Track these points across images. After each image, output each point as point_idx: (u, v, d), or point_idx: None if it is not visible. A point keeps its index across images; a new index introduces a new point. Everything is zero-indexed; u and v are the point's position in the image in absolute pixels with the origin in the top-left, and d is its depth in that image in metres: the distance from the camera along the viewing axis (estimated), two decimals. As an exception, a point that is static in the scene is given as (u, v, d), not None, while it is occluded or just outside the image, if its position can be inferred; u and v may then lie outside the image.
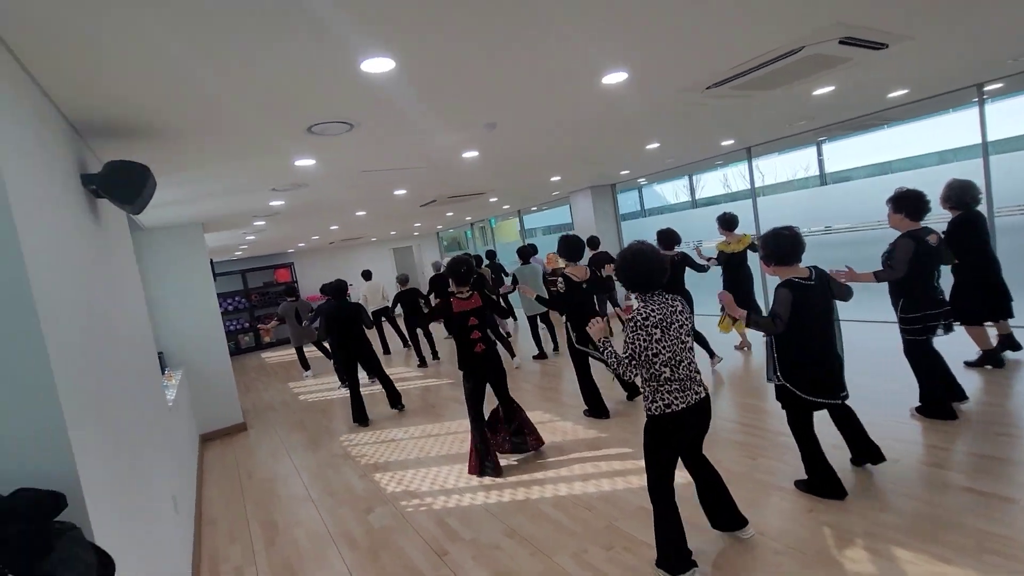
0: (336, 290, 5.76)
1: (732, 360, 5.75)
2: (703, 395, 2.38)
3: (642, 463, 3.54)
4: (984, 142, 5.46)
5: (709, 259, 5.65)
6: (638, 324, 2.28)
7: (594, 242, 7.47)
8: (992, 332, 4.38)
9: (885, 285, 3.59)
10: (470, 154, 4.51)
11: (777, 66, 3.04)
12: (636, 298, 2.42)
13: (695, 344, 5.36)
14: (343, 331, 5.71)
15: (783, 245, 2.70)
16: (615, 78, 2.91)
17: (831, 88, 4.18)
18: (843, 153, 13.38)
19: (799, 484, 2.99)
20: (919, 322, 3.47)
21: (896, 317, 3.60)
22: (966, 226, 4.12)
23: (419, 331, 8.30)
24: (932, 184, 3.98)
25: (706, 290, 5.19)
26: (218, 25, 1.66)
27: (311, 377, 8.77)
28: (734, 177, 14.44)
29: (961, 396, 3.63)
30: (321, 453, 5.00)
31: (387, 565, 2.95)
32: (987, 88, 5.37)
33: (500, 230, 16.75)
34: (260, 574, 3.09)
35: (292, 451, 5.21)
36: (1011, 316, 4.22)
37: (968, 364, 4.33)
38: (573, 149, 5.16)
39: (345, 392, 7.10)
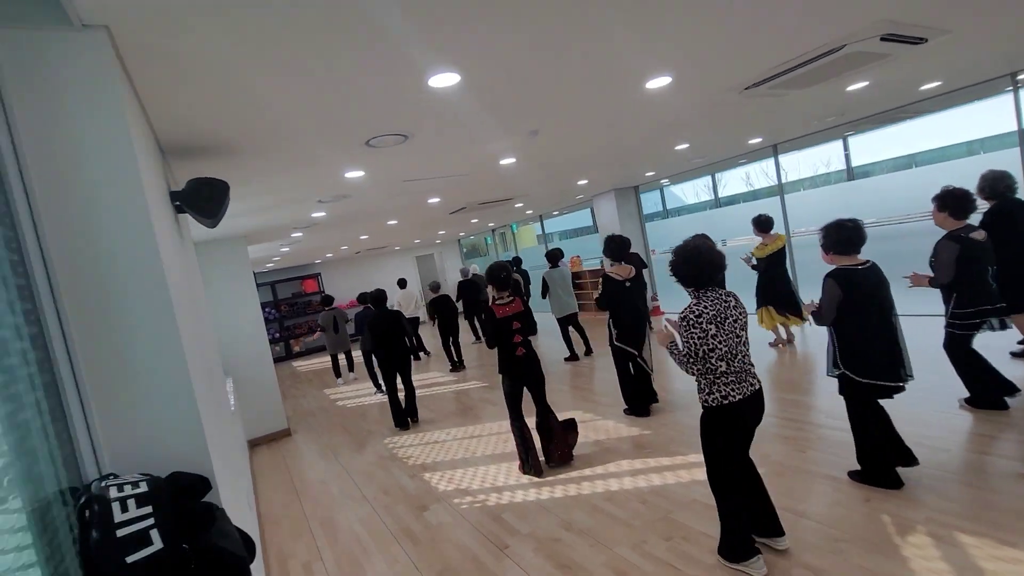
0: (376, 299, 5.92)
1: (767, 357, 5.77)
2: (757, 387, 2.42)
3: (691, 458, 3.63)
4: (1021, 130, 5.42)
5: (753, 266, 5.75)
6: (692, 322, 2.31)
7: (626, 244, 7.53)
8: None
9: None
10: (507, 161, 4.64)
11: (816, 64, 3.11)
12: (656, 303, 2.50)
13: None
14: (384, 339, 5.82)
15: (844, 234, 2.76)
16: (659, 82, 3.01)
17: (865, 83, 4.22)
18: (869, 146, 13.21)
19: (853, 475, 3.03)
20: (972, 317, 3.44)
21: (946, 312, 3.57)
22: (1003, 216, 4.04)
23: (450, 337, 8.44)
24: (961, 177, 3.95)
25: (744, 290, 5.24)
26: (293, 50, 1.81)
27: (343, 384, 8.98)
28: (756, 174, 14.35)
29: (1012, 390, 3.59)
30: (368, 455, 5.15)
31: (450, 558, 3.06)
32: (1021, 76, 5.33)
33: (519, 236, 16.91)
34: (328, 569, 3.22)
35: (338, 454, 5.37)
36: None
37: (1014, 355, 4.29)
38: (606, 152, 5.27)
39: (380, 397, 7.28)
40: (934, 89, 5.34)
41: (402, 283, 9.78)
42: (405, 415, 5.82)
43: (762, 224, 5.58)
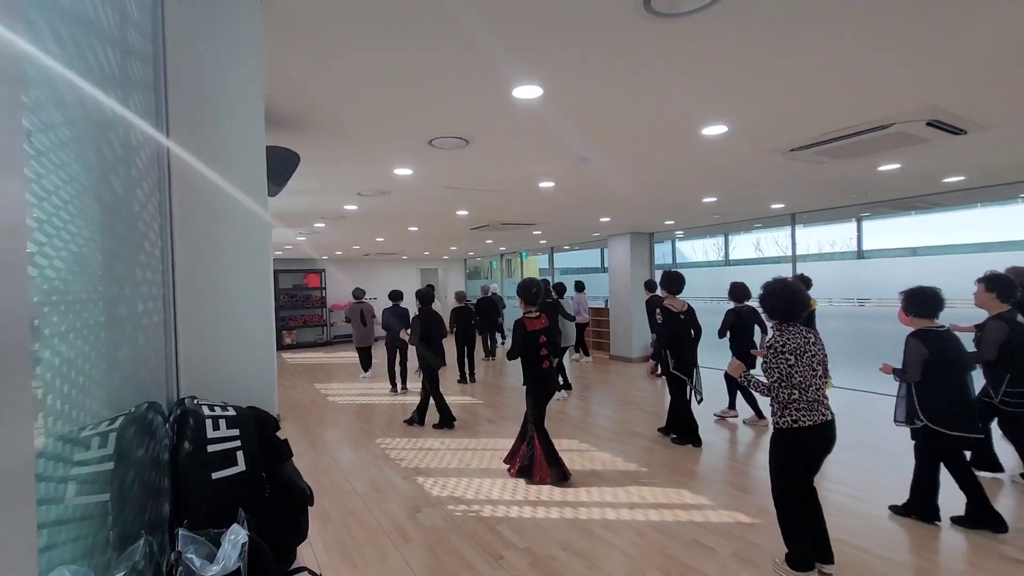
0: (427, 297, 5.95)
1: (767, 416, 5.83)
2: (830, 418, 2.60)
3: (687, 498, 3.70)
4: (1031, 236, 5.65)
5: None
6: (777, 351, 2.56)
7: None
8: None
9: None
10: (546, 184, 4.80)
11: (863, 138, 3.29)
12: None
13: (729, 391, 5.55)
14: (430, 337, 5.82)
15: (928, 299, 3.05)
16: (715, 130, 3.18)
17: (897, 166, 4.43)
18: (876, 233, 13.64)
19: (897, 509, 3.32)
20: (1019, 397, 3.53)
21: (996, 395, 3.61)
22: None
23: (466, 348, 8.47)
24: (963, 271, 4.09)
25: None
26: (393, 47, 1.94)
27: (367, 379, 8.98)
28: (766, 242, 14.73)
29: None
30: (360, 452, 5.10)
31: (444, 561, 3.03)
32: (1037, 185, 5.61)
33: (525, 265, 17.08)
34: (317, 554, 3.17)
35: (329, 447, 5.31)
36: None
37: None
38: (641, 192, 5.44)
39: (393, 397, 7.32)
40: (955, 184, 5.59)
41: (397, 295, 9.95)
42: (451, 415, 5.83)
43: (804, 281, 5.85)
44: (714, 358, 6.03)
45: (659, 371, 8.17)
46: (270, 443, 1.29)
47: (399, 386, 7.79)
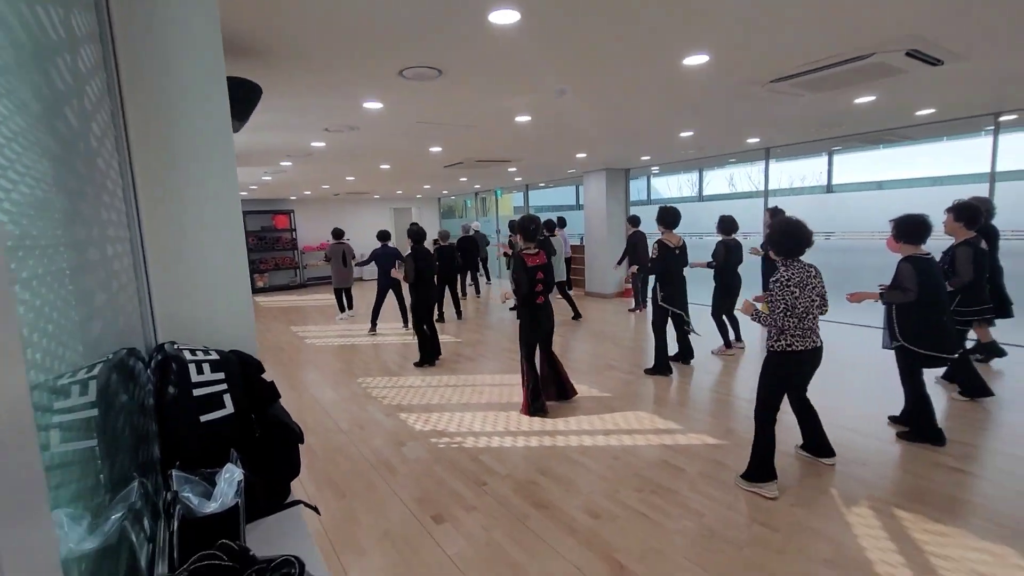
0: (419, 235, 5.96)
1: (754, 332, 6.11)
2: (819, 344, 2.89)
3: (658, 424, 3.91)
4: (992, 171, 5.82)
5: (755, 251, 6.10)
6: (783, 284, 2.79)
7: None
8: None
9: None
10: (523, 118, 4.64)
11: (842, 69, 3.25)
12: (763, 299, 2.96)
13: (728, 327, 5.76)
14: (422, 277, 5.84)
15: (919, 228, 3.23)
16: (697, 60, 3.08)
17: (872, 98, 4.42)
18: (844, 168, 13.84)
19: (906, 435, 3.49)
20: (974, 314, 3.98)
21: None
22: (988, 232, 4.44)
23: (447, 287, 8.58)
24: (928, 205, 4.26)
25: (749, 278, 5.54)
26: None
27: (346, 319, 9.01)
28: (739, 177, 14.81)
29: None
30: (341, 391, 5.18)
31: (429, 489, 3.19)
32: (1003, 118, 5.70)
33: (500, 204, 16.85)
34: (306, 487, 3.29)
35: (311, 388, 5.38)
36: (1010, 316, 4.62)
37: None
38: (619, 125, 5.31)
39: (367, 338, 7.41)
40: (926, 116, 5.64)
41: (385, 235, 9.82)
42: (435, 352, 5.97)
43: (776, 215, 5.97)
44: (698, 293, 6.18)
45: (636, 307, 8.42)
46: (256, 385, 1.29)
47: (403, 324, 7.94)
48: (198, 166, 1.41)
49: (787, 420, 3.32)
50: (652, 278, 5.30)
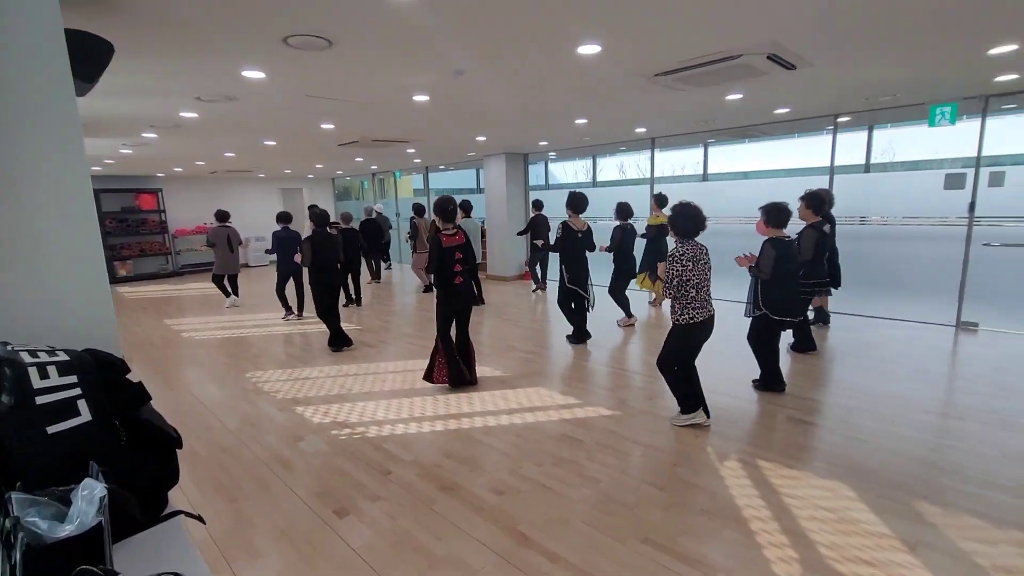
0: (321, 218, 5.67)
1: (646, 311, 6.56)
2: (713, 313, 3.39)
3: (558, 399, 4.17)
4: (832, 164, 6.77)
5: (642, 235, 6.67)
6: (676, 258, 3.24)
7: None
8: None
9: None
10: (421, 98, 4.51)
11: (717, 67, 3.56)
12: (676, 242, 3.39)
13: (618, 302, 6.17)
14: (324, 261, 5.57)
15: (782, 215, 3.80)
16: (590, 50, 3.20)
17: (740, 96, 4.91)
18: (716, 159, 15.37)
19: (756, 383, 4.16)
20: (812, 287, 4.77)
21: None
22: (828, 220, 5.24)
23: (349, 274, 8.19)
24: (783, 194, 4.92)
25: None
26: None
27: (232, 307, 8.37)
28: (628, 165, 15.77)
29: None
30: (228, 389, 4.77)
31: (330, 483, 3.07)
32: (840, 119, 6.63)
33: (399, 185, 16.34)
34: (189, 495, 3.00)
35: (190, 386, 4.89)
36: (837, 286, 5.51)
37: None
38: (518, 110, 5.36)
39: (256, 328, 6.83)
40: (783, 115, 6.39)
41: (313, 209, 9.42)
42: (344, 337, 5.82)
43: (660, 200, 6.66)
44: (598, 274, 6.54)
45: (537, 287, 8.68)
46: (120, 387, 1.14)
47: (295, 312, 7.49)
48: (32, 135, 1.20)
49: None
50: (552, 259, 5.63)
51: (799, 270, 4.18)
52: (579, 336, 5.64)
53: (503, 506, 2.76)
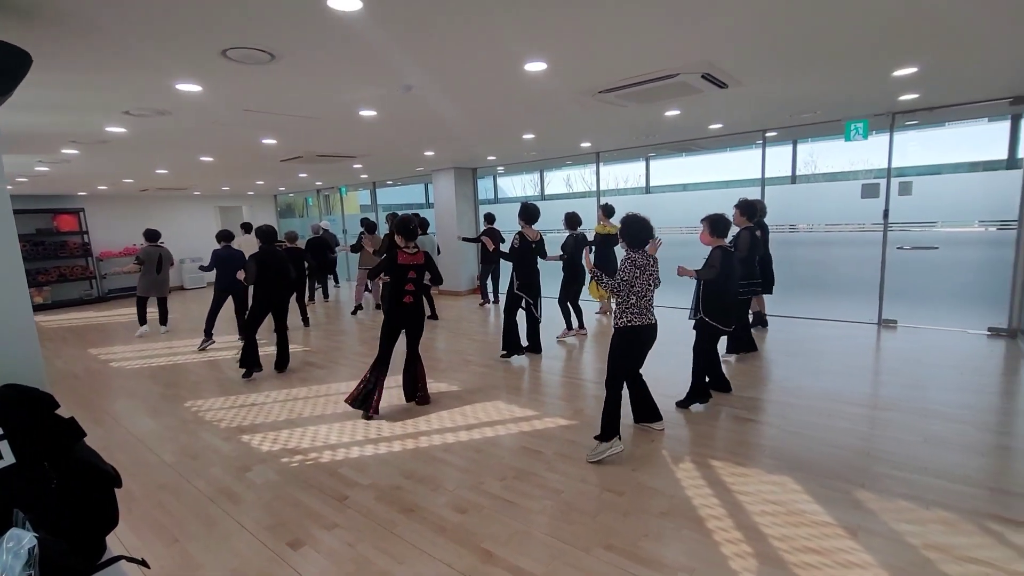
0: (267, 235, 5.41)
1: (594, 320, 6.67)
2: (654, 322, 3.40)
3: (516, 413, 4.12)
4: (763, 177, 7.22)
5: (590, 243, 6.72)
6: (632, 262, 3.29)
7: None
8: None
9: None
10: (368, 113, 4.46)
11: (656, 84, 3.74)
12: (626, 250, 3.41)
13: (571, 312, 6.28)
14: (270, 281, 5.33)
15: (723, 224, 4.02)
16: (536, 67, 3.28)
17: (678, 112, 5.17)
18: (656, 172, 16.10)
19: (682, 403, 4.12)
20: (747, 287, 5.04)
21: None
22: (761, 228, 5.70)
23: (296, 293, 7.83)
24: (718, 205, 5.23)
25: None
26: None
27: (142, 336, 7.80)
28: (575, 179, 16.18)
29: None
30: (165, 419, 4.45)
31: (282, 514, 2.92)
32: (768, 134, 7.10)
33: (346, 201, 15.99)
34: (123, 539, 2.77)
35: (122, 419, 4.53)
36: (771, 293, 6.03)
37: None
38: (466, 125, 5.40)
39: (196, 355, 6.39)
40: (716, 130, 6.77)
41: (247, 227, 9.05)
42: (256, 362, 5.50)
43: (608, 210, 6.86)
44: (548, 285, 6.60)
45: (484, 301, 8.69)
46: (48, 425, 1.05)
47: (214, 340, 7.01)
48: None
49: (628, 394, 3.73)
50: (504, 273, 5.65)
51: (738, 279, 4.39)
52: (514, 347, 5.61)
53: (466, 524, 2.72)
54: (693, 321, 4.20)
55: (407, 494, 3.06)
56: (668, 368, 4.90)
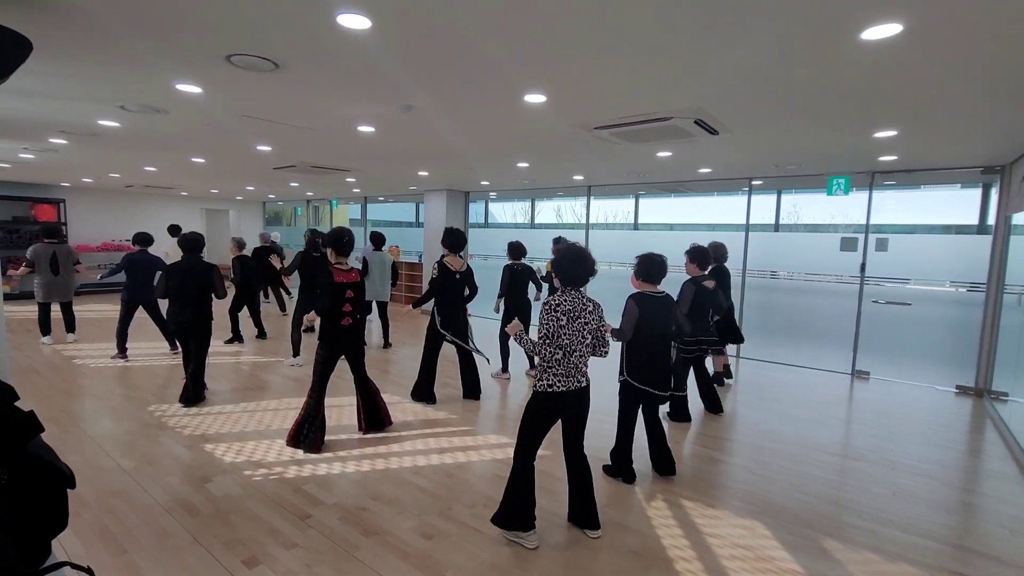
0: (193, 244, 4.77)
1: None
2: (584, 384, 2.69)
3: (491, 439, 4.01)
4: (747, 222, 7.42)
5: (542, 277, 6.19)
6: (551, 308, 2.60)
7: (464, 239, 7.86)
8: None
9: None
10: (366, 129, 4.50)
11: (649, 126, 3.85)
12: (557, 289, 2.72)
13: (502, 351, 5.84)
14: (188, 297, 4.65)
15: (652, 266, 3.30)
16: (536, 98, 3.36)
17: (669, 154, 5.31)
18: (645, 209, 16.46)
19: (606, 468, 3.56)
20: (695, 344, 4.52)
21: (676, 344, 4.37)
22: (720, 273, 5.40)
23: (247, 304, 7.54)
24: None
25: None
26: None
27: (48, 344, 6.94)
28: (565, 210, 16.44)
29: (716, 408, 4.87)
30: (126, 423, 4.29)
31: (241, 529, 2.80)
32: (754, 182, 7.32)
33: (336, 215, 15.96)
34: (68, 546, 2.62)
35: (80, 419, 4.35)
36: (741, 342, 5.64)
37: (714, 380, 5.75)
38: (462, 149, 5.47)
39: (120, 362, 6.15)
40: (705, 174, 6.97)
41: (174, 230, 8.79)
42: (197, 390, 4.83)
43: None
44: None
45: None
46: (7, 417, 1.01)
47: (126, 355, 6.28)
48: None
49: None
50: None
51: (672, 334, 3.57)
52: (425, 395, 4.93)
53: (431, 551, 2.64)
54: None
55: (372, 516, 2.97)
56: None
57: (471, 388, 5.13)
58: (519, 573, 2.48)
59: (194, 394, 4.76)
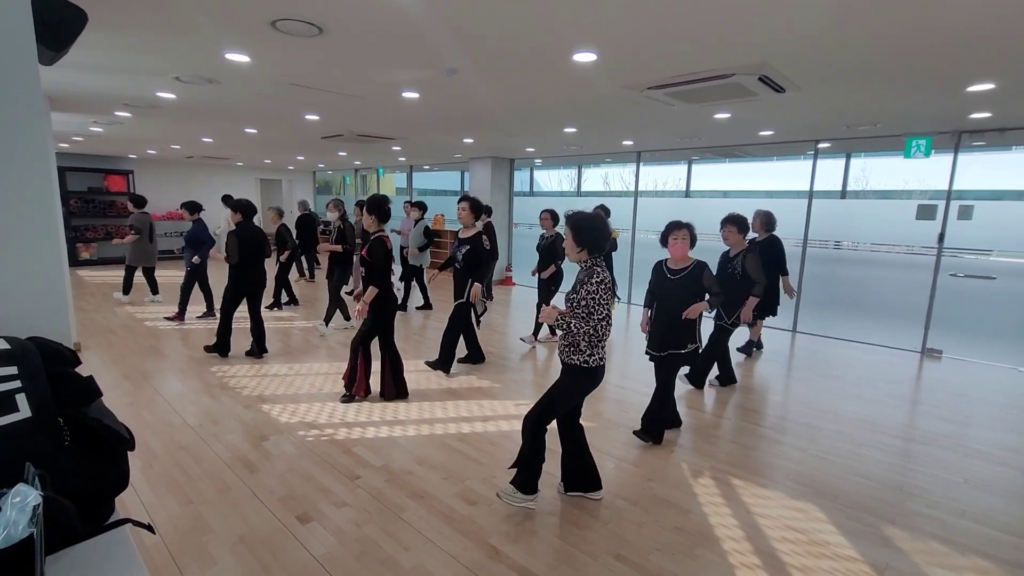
0: (254, 209, 5.21)
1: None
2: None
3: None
4: (811, 188, 6.92)
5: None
6: (607, 287, 2.46)
7: (488, 209, 7.90)
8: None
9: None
10: (410, 95, 4.43)
11: (708, 84, 3.58)
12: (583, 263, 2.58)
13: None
14: (251, 258, 5.09)
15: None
16: (585, 57, 3.18)
17: (728, 115, 4.97)
18: (697, 176, 15.68)
19: (639, 433, 3.54)
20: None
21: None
22: (773, 244, 5.21)
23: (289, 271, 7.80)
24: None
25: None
26: None
27: (127, 304, 7.71)
28: (613, 177, 15.94)
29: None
30: (191, 382, 4.57)
31: (295, 486, 2.94)
32: (820, 145, 6.79)
33: (383, 183, 16.14)
34: (141, 494, 2.84)
35: (151, 378, 4.66)
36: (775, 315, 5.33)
37: (739, 349, 5.60)
38: (509, 113, 5.31)
39: (204, 322, 6.53)
40: (767, 137, 6.50)
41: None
42: (228, 344, 5.30)
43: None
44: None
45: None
46: (66, 381, 1.04)
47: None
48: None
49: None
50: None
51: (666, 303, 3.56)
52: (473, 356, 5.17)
53: (475, 516, 2.69)
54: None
55: (418, 480, 3.05)
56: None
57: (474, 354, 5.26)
58: (559, 543, 2.48)
59: (259, 349, 5.35)
